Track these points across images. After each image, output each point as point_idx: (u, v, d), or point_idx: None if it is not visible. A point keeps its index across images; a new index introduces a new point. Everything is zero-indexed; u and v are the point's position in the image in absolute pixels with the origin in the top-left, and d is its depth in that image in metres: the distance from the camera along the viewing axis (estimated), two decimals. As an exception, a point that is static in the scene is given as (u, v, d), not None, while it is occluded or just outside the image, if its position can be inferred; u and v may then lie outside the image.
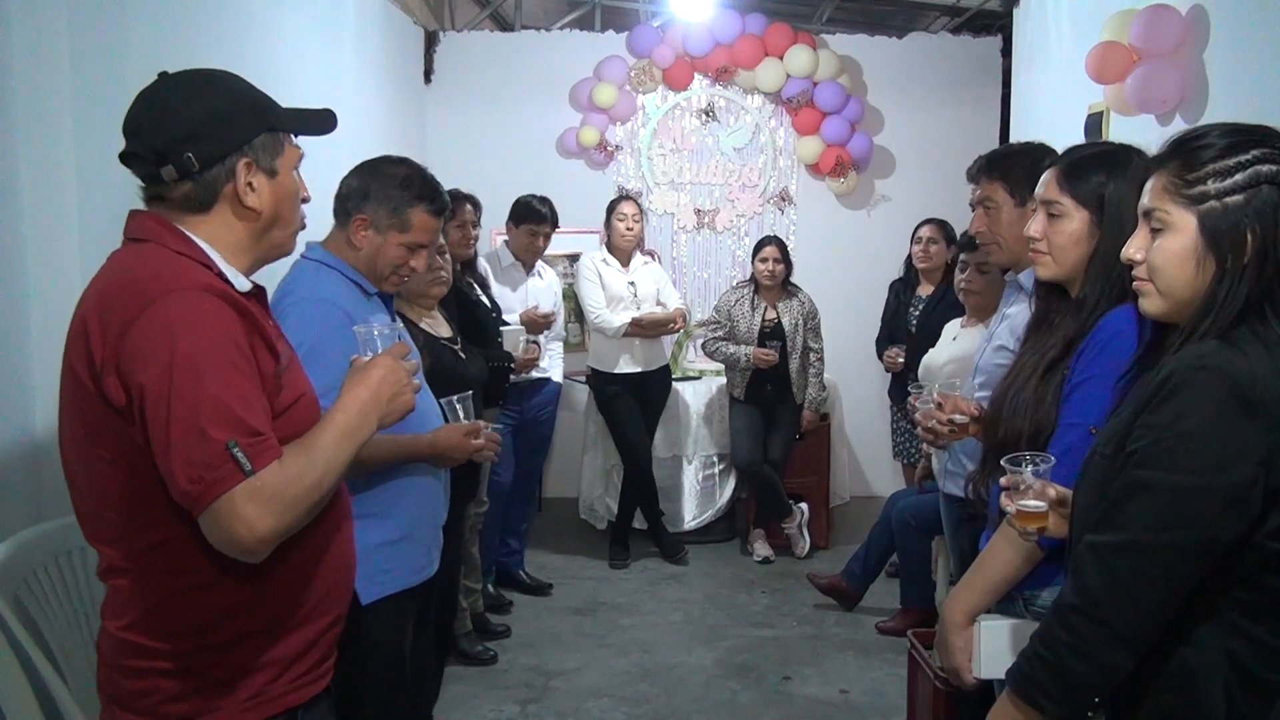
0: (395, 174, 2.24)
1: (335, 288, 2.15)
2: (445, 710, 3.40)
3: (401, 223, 2.22)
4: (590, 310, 4.85)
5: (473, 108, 5.94)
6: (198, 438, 1.33)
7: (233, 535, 1.34)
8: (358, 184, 2.25)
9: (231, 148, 1.48)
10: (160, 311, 1.36)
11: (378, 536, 2.10)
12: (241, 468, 1.33)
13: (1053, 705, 1.32)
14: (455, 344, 3.04)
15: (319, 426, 1.49)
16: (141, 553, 1.44)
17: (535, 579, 4.68)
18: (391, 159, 2.30)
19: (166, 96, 1.49)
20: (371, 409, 1.56)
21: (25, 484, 2.22)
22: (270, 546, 1.39)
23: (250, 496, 1.34)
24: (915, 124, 6.08)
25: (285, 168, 1.55)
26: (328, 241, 2.26)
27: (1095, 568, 1.30)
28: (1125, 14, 3.52)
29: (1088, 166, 1.82)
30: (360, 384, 1.57)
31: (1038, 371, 1.83)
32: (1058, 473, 1.59)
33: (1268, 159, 1.30)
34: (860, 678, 3.77)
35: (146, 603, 1.46)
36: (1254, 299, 1.29)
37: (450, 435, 2.26)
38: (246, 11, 3.36)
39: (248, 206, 1.50)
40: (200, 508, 1.34)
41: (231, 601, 1.47)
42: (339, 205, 2.26)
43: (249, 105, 1.52)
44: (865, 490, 6.02)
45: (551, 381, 4.61)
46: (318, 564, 1.55)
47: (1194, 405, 1.25)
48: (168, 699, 1.46)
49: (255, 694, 1.49)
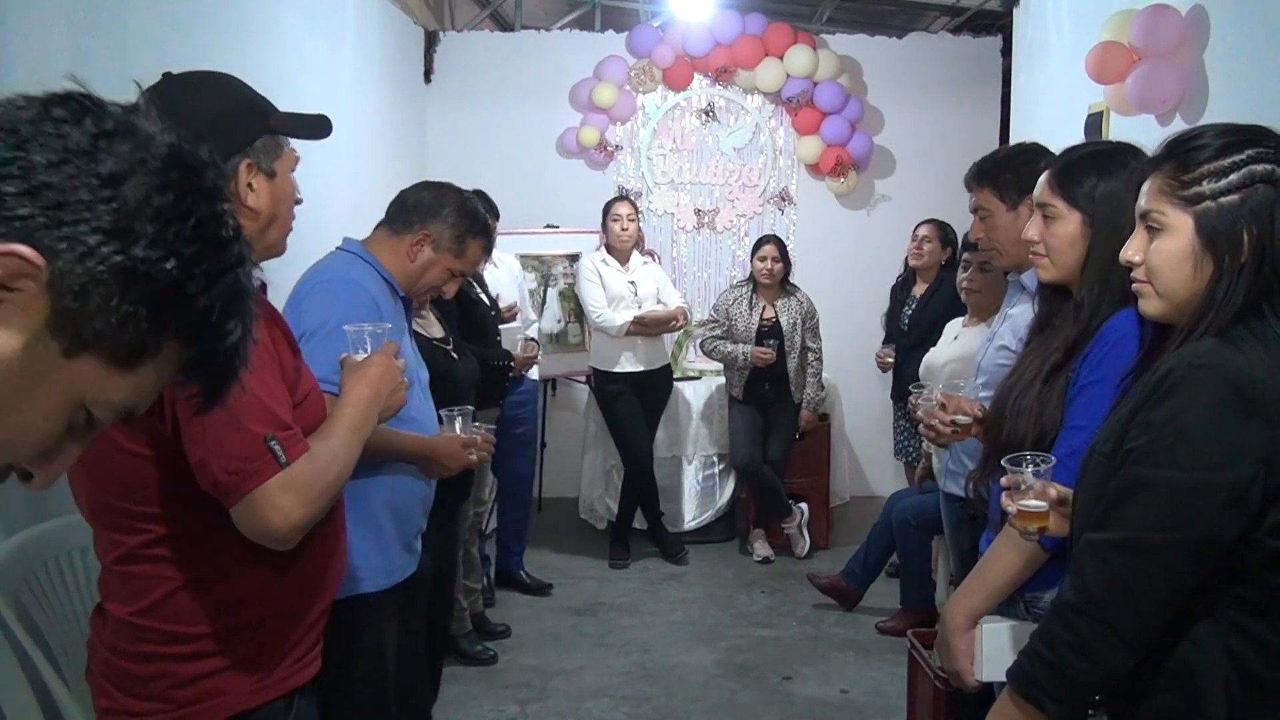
0: (464, 204, 2.33)
1: (366, 278, 2.17)
2: (445, 710, 3.41)
3: (460, 249, 2.31)
4: (592, 310, 4.84)
5: (473, 108, 5.94)
6: (236, 430, 1.37)
7: (268, 524, 1.41)
8: (431, 200, 2.29)
9: (235, 149, 1.50)
10: None
11: (355, 534, 2.08)
12: (278, 459, 1.40)
13: (1053, 704, 1.32)
14: (447, 344, 3.04)
15: (334, 420, 1.57)
16: (162, 540, 1.46)
17: (535, 579, 4.67)
18: (456, 187, 2.39)
19: (173, 98, 1.50)
20: (373, 406, 1.65)
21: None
22: (301, 534, 1.46)
23: (285, 487, 1.40)
24: (915, 124, 6.08)
25: (283, 170, 1.58)
26: (370, 241, 2.28)
27: (1095, 566, 1.30)
28: (1125, 14, 3.52)
29: (1079, 168, 1.81)
30: (360, 381, 1.65)
31: (1041, 374, 1.83)
32: (1063, 474, 1.59)
33: (1262, 158, 1.30)
34: (860, 678, 3.77)
35: (164, 588, 1.47)
36: (1252, 298, 1.29)
37: (449, 444, 2.26)
38: (246, 12, 3.36)
39: (248, 206, 1.52)
40: (235, 498, 1.40)
41: (248, 586, 1.49)
42: (401, 213, 2.29)
43: (251, 108, 1.55)
44: (865, 490, 6.02)
45: (527, 379, 4.55)
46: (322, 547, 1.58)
47: (1192, 403, 1.25)
48: (177, 684, 1.47)
49: (263, 676, 1.52)
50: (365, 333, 1.77)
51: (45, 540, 2.12)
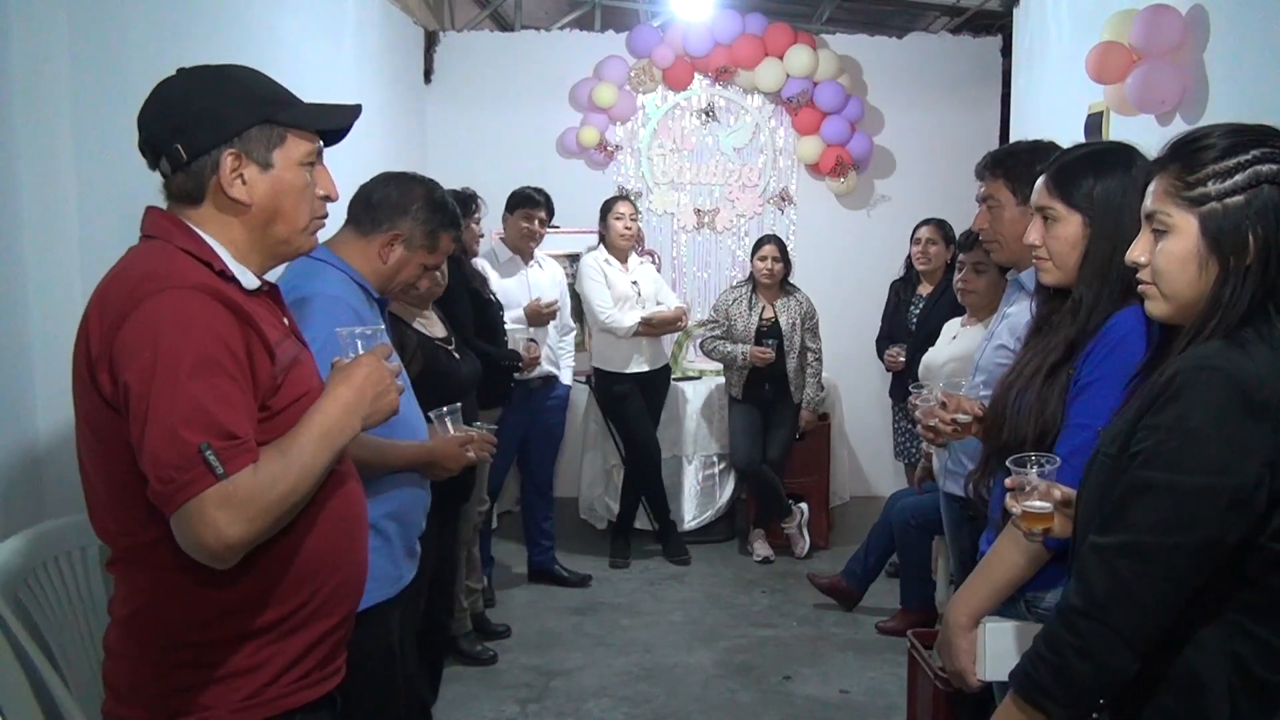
0: (431, 195, 2.23)
1: (339, 286, 2.11)
2: (445, 710, 3.41)
3: (432, 245, 2.23)
4: (599, 311, 4.80)
5: (473, 108, 5.94)
6: (170, 438, 1.31)
7: (200, 540, 1.33)
8: (397, 196, 2.20)
9: (219, 139, 1.47)
10: (149, 310, 1.36)
11: None
12: (213, 470, 1.31)
13: (1057, 708, 1.32)
14: (449, 344, 3.03)
15: (298, 428, 1.45)
16: (142, 546, 1.45)
17: (574, 572, 4.74)
18: (421, 178, 2.28)
19: (173, 90, 1.50)
20: (355, 408, 1.52)
21: (25, 484, 2.22)
22: (239, 554, 1.37)
23: (221, 501, 1.32)
24: (915, 124, 6.08)
25: (286, 160, 1.52)
26: (337, 244, 2.19)
27: (1099, 569, 1.29)
28: (1125, 14, 3.52)
29: (1076, 169, 1.81)
30: (343, 383, 1.54)
31: (1040, 373, 1.82)
32: (1066, 473, 1.58)
33: (1268, 159, 1.29)
34: (860, 678, 3.77)
35: (145, 596, 1.47)
36: (1258, 300, 1.28)
37: (447, 445, 2.25)
38: (246, 11, 3.35)
39: (232, 198, 1.48)
40: (170, 509, 1.33)
41: (230, 600, 1.46)
42: (365, 213, 2.19)
43: (247, 97, 1.50)
44: (865, 490, 6.02)
45: (560, 383, 4.61)
46: (320, 564, 1.54)
47: (1198, 406, 1.24)
48: (162, 693, 1.46)
49: (251, 694, 1.48)
50: (357, 335, 1.70)
51: (45, 540, 2.12)
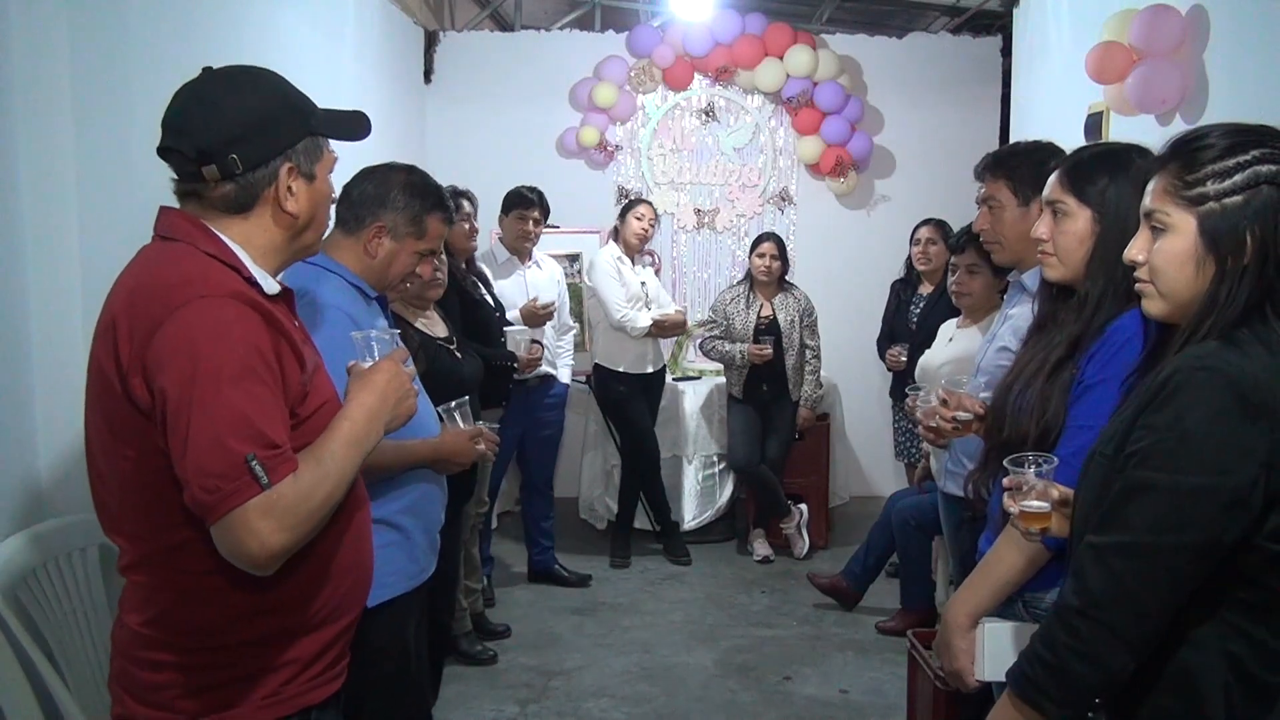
0: (410, 181, 2.21)
1: (338, 294, 2.10)
2: (445, 710, 3.41)
3: (419, 230, 2.20)
4: (614, 308, 4.79)
5: (473, 108, 5.95)
6: (216, 448, 1.32)
7: (244, 548, 1.35)
8: (373, 191, 2.18)
9: (276, 151, 1.48)
10: (186, 317, 1.36)
11: (380, 540, 2.09)
12: (259, 480, 1.33)
13: (1054, 707, 1.32)
14: (451, 343, 3.03)
15: (328, 435, 1.48)
16: (162, 551, 1.45)
17: (574, 572, 4.75)
18: (398, 166, 2.26)
19: (215, 95, 1.47)
20: (379, 414, 1.56)
21: (25, 484, 2.22)
22: (280, 561, 1.39)
23: (265, 511, 1.34)
24: (915, 124, 6.08)
25: (322, 172, 1.56)
26: (328, 246, 2.17)
27: (1096, 569, 1.29)
28: (1125, 14, 3.52)
29: (1091, 166, 1.82)
30: (366, 390, 1.56)
31: (1043, 371, 1.82)
32: (1067, 474, 1.58)
33: (1267, 159, 1.29)
34: (860, 678, 3.77)
35: (166, 600, 1.46)
36: (1255, 300, 1.28)
37: (456, 440, 2.26)
38: (247, 11, 3.36)
39: (286, 211, 1.51)
40: (214, 518, 1.34)
41: (250, 604, 1.46)
42: (348, 211, 2.19)
43: (292, 108, 1.51)
44: (865, 490, 6.02)
45: (558, 382, 4.61)
46: (338, 567, 1.56)
47: (1195, 406, 1.24)
48: (181, 695, 1.46)
49: (271, 694, 1.49)
50: (372, 338, 1.71)
51: (45, 540, 2.13)
